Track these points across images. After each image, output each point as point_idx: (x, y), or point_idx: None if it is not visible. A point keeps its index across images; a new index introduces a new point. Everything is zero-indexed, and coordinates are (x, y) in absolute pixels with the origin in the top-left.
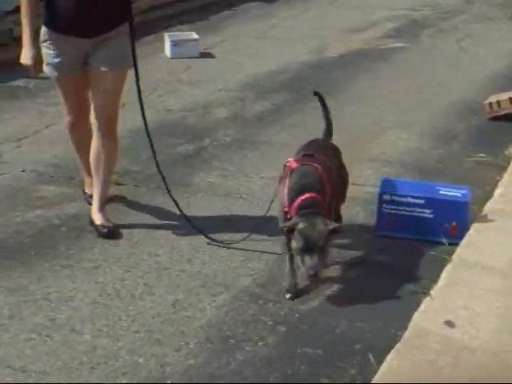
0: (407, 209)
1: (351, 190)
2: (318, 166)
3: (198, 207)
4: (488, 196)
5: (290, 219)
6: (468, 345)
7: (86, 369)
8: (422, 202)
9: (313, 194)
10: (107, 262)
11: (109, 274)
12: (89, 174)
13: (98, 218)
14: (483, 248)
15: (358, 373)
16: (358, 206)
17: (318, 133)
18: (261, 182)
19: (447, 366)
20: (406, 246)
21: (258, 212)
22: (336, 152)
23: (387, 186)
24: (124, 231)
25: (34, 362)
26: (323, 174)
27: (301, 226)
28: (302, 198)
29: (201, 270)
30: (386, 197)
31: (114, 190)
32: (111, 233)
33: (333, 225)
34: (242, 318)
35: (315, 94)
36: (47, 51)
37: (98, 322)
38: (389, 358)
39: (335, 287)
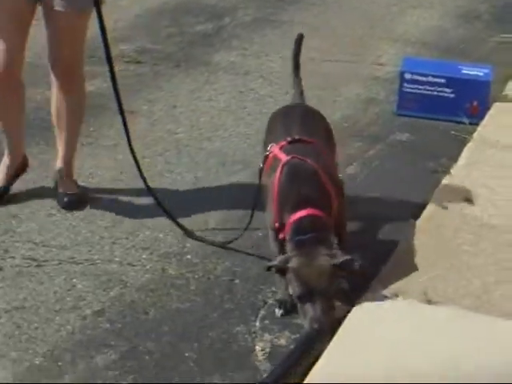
0: (428, 88)
1: (374, 70)
2: (313, 161)
3: (218, 85)
4: (510, 75)
5: (282, 242)
6: (487, 222)
7: (107, 243)
8: (443, 81)
9: (312, 211)
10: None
11: (128, 151)
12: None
13: (61, 185)
14: (504, 127)
15: (381, 247)
16: (379, 85)
17: (340, 13)
18: (281, 62)
19: (466, 243)
20: (427, 125)
21: (278, 91)
22: (327, 129)
23: (408, 64)
24: (143, 108)
25: (55, 237)
26: (325, 175)
27: (294, 263)
28: (297, 215)
29: (220, 149)
30: (407, 76)
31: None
32: (72, 202)
33: (340, 257)
34: None
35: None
36: None
37: (118, 199)
38: (409, 235)
39: (355, 165)
